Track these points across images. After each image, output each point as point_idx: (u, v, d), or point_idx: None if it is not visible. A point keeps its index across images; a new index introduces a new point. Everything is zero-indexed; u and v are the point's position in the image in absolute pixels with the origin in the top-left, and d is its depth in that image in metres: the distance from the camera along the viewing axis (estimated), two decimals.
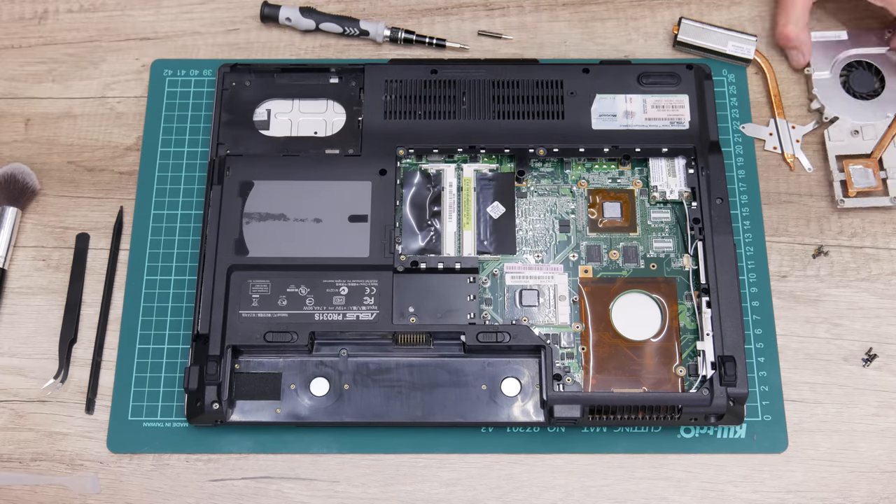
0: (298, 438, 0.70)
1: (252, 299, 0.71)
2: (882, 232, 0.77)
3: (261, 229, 0.72)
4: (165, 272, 0.75)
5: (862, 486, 0.70)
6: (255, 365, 0.70)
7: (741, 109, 0.80)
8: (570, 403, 0.68)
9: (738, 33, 0.80)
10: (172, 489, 0.70)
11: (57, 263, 0.76)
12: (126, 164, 0.79)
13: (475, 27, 0.84)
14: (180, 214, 0.77)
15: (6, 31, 0.84)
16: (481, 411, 0.69)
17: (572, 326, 0.71)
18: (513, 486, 0.70)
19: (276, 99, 0.78)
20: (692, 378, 0.69)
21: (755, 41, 0.80)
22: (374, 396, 0.69)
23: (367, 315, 0.70)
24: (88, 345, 0.73)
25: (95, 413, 0.72)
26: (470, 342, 0.69)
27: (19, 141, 0.80)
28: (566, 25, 0.84)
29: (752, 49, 0.80)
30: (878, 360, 0.73)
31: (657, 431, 0.71)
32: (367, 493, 0.69)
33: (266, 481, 0.70)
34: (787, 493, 0.69)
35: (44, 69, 0.82)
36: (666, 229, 0.74)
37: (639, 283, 0.72)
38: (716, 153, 0.74)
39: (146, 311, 0.74)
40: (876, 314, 0.74)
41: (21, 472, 0.70)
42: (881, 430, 0.71)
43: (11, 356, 0.73)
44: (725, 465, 0.70)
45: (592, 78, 0.77)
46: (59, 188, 0.78)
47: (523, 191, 0.75)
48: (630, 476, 0.70)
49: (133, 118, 0.80)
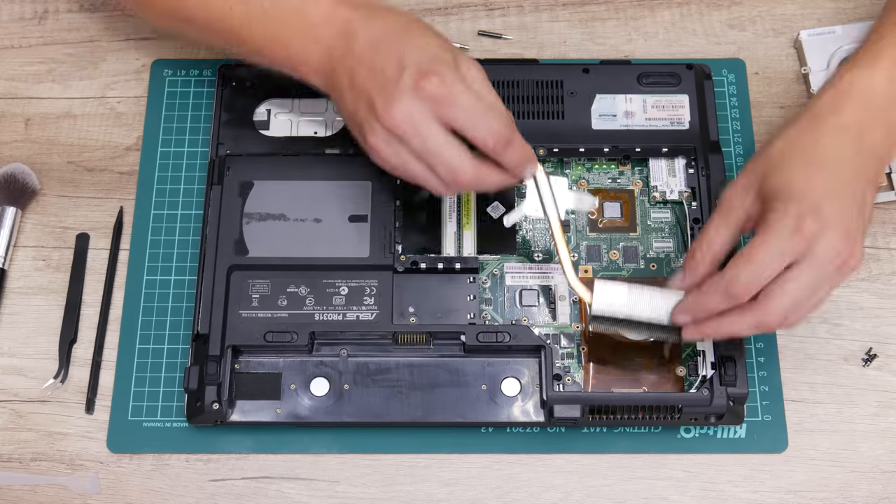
0: (298, 438, 0.70)
1: (252, 299, 0.71)
2: (882, 232, 0.77)
3: (261, 229, 0.72)
4: (165, 272, 0.75)
5: (862, 486, 0.70)
6: (255, 365, 0.70)
7: (741, 109, 0.80)
8: (570, 403, 0.68)
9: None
10: (172, 489, 0.70)
11: (57, 263, 0.76)
12: (126, 164, 0.79)
13: (475, 27, 0.84)
14: (180, 214, 0.77)
15: (6, 31, 0.84)
16: (481, 411, 0.69)
17: (572, 326, 0.71)
18: (513, 486, 0.70)
19: (276, 99, 0.78)
20: (692, 378, 0.69)
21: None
22: (374, 396, 0.69)
23: (367, 315, 0.70)
24: (88, 345, 0.73)
25: (95, 413, 0.72)
26: (470, 342, 0.69)
27: (19, 141, 0.80)
28: (566, 25, 0.84)
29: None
30: (878, 360, 0.73)
31: (657, 431, 0.71)
32: (367, 493, 0.69)
33: (266, 481, 0.70)
34: (787, 493, 0.69)
35: (44, 69, 0.82)
36: (666, 229, 0.74)
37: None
38: (716, 153, 0.74)
39: (146, 311, 0.74)
40: (876, 314, 0.74)
41: (21, 472, 0.70)
42: (881, 430, 0.71)
43: (11, 356, 0.73)
44: (725, 465, 0.70)
45: (592, 78, 0.77)
46: (59, 188, 0.78)
47: (523, 191, 0.75)
48: (630, 476, 0.70)
49: (133, 118, 0.80)
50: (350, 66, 0.63)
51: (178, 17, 0.69)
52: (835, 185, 0.61)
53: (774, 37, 0.83)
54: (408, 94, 0.60)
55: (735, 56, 0.82)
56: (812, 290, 0.61)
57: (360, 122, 0.63)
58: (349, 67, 0.63)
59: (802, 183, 0.61)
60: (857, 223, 0.61)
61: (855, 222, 0.61)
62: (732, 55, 0.82)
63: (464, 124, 0.61)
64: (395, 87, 0.60)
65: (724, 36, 0.83)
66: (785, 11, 0.84)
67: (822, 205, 0.60)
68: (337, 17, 0.64)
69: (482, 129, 0.61)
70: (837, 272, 0.61)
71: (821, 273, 0.60)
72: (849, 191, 0.61)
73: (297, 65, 0.66)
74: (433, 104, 0.60)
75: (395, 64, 0.61)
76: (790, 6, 0.84)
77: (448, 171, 0.62)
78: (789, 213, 0.60)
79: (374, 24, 0.63)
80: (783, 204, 0.60)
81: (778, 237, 0.60)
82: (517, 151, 0.63)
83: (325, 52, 0.64)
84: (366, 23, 0.63)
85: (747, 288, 0.60)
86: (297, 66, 0.67)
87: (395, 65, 0.61)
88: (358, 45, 0.63)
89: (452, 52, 0.63)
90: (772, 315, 0.61)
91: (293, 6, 0.65)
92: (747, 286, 0.60)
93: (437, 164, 0.61)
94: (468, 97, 0.61)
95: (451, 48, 0.63)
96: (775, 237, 0.60)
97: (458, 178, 0.62)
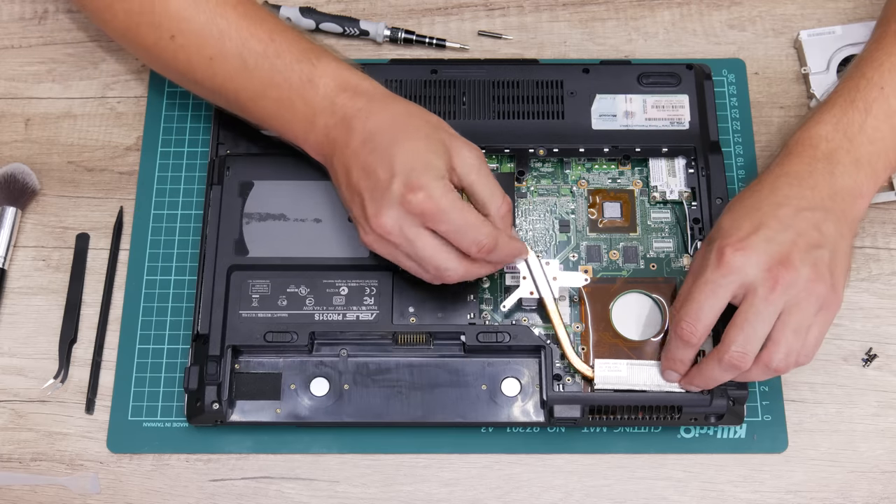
0: (298, 438, 0.70)
1: (252, 299, 0.71)
2: (882, 232, 0.77)
3: (261, 229, 0.72)
4: (165, 272, 0.75)
5: (862, 486, 0.70)
6: (255, 365, 0.70)
7: (741, 109, 0.80)
8: (570, 403, 0.68)
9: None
10: (172, 489, 0.70)
11: (57, 263, 0.76)
12: (126, 164, 0.79)
13: (475, 27, 0.84)
14: (180, 214, 0.77)
15: (6, 31, 0.84)
16: (481, 411, 0.69)
17: (572, 326, 0.71)
18: (513, 486, 0.70)
19: None
20: None
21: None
22: (374, 396, 0.69)
23: (367, 315, 0.70)
24: (88, 345, 0.73)
25: (95, 413, 0.72)
26: (470, 342, 0.69)
27: (19, 141, 0.80)
28: (566, 25, 0.84)
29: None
30: (878, 360, 0.73)
31: (657, 431, 0.71)
32: (367, 493, 0.69)
33: (266, 481, 0.70)
34: (787, 493, 0.69)
35: (44, 69, 0.82)
36: (666, 229, 0.74)
37: (639, 283, 0.72)
38: (716, 153, 0.74)
39: (146, 311, 0.74)
40: (876, 314, 0.74)
41: (21, 472, 0.70)
42: (881, 430, 0.71)
43: (11, 356, 0.73)
44: (725, 465, 0.70)
45: (592, 78, 0.77)
46: (59, 188, 0.78)
47: (523, 191, 0.75)
48: (630, 476, 0.70)
49: (133, 118, 0.80)
50: (346, 160, 0.65)
51: (188, 78, 0.70)
52: (765, 221, 0.63)
53: (774, 37, 0.83)
54: (395, 205, 0.62)
55: (735, 56, 0.82)
56: (778, 322, 0.62)
57: (355, 217, 0.65)
58: (345, 162, 0.65)
59: (727, 225, 0.64)
60: (804, 251, 0.62)
61: (797, 251, 0.62)
62: (732, 55, 0.82)
63: (450, 238, 0.63)
64: (384, 196, 0.62)
65: (724, 36, 0.83)
66: (785, 11, 0.84)
67: (747, 240, 0.62)
68: (336, 107, 0.65)
69: (466, 242, 0.63)
70: (788, 301, 0.62)
71: (769, 299, 0.62)
72: (787, 224, 0.63)
73: (299, 142, 0.69)
74: (420, 217, 0.62)
75: (387, 168, 0.62)
76: (790, 6, 0.84)
77: (437, 272, 0.64)
78: (712, 249, 0.64)
79: (371, 120, 0.64)
80: (709, 245, 0.65)
81: (708, 279, 0.63)
82: (503, 251, 0.64)
83: (324, 137, 0.66)
84: (363, 117, 0.65)
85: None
86: (298, 143, 0.69)
87: (387, 169, 0.62)
88: (354, 140, 0.64)
89: (445, 148, 0.64)
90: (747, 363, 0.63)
91: (296, 84, 0.66)
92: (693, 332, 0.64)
93: (427, 265, 0.64)
94: (453, 212, 0.62)
95: (443, 146, 0.64)
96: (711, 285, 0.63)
97: (448, 277, 0.64)
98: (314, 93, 0.66)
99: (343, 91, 0.66)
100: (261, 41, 0.67)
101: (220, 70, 0.68)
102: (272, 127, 0.69)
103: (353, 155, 0.64)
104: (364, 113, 0.65)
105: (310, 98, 0.66)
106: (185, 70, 0.69)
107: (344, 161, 0.65)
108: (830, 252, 0.63)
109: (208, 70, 0.68)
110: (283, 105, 0.67)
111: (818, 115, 0.68)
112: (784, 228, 0.62)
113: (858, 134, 0.66)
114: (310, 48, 0.67)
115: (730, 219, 0.65)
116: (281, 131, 0.69)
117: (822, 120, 0.67)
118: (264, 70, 0.67)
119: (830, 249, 0.63)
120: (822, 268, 0.62)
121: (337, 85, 0.66)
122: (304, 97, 0.66)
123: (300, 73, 0.66)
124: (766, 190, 0.65)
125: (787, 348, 0.62)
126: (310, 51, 0.67)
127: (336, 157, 0.65)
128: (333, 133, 0.65)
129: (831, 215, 0.64)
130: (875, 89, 0.67)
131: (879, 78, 0.68)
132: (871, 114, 0.67)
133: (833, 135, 0.66)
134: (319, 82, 0.66)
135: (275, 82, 0.67)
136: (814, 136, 0.67)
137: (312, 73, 0.66)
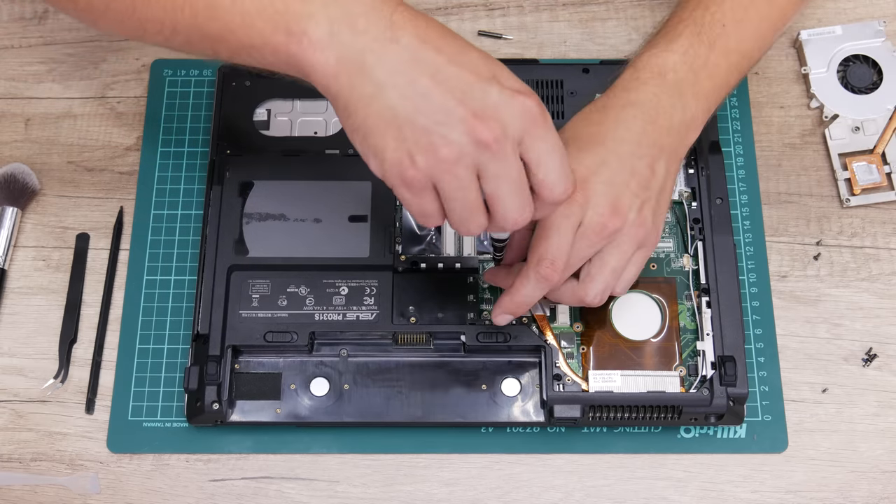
0: (298, 438, 0.70)
1: (252, 299, 0.71)
2: (882, 232, 0.77)
3: (261, 229, 0.72)
4: (165, 272, 0.75)
5: (862, 486, 0.70)
6: (255, 365, 0.70)
7: (741, 109, 0.80)
8: (570, 403, 0.68)
9: None
10: (172, 489, 0.70)
11: (57, 263, 0.76)
12: (126, 164, 0.79)
13: (475, 27, 0.84)
14: (180, 214, 0.77)
15: (6, 31, 0.84)
16: (481, 411, 0.69)
17: (572, 326, 0.71)
18: (513, 486, 0.70)
19: (276, 99, 0.78)
20: (692, 378, 0.69)
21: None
22: (374, 396, 0.69)
23: (367, 315, 0.70)
24: (88, 345, 0.73)
25: (95, 413, 0.72)
26: (470, 342, 0.69)
27: (19, 141, 0.80)
28: (566, 25, 0.84)
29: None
30: (878, 360, 0.73)
31: (657, 431, 0.71)
32: (367, 493, 0.69)
33: (266, 481, 0.70)
34: (787, 493, 0.69)
35: (44, 69, 0.82)
36: (666, 229, 0.74)
37: (639, 283, 0.72)
38: (716, 153, 0.74)
39: (146, 311, 0.74)
40: (876, 314, 0.74)
41: (21, 472, 0.70)
42: (881, 430, 0.71)
43: (11, 356, 0.73)
44: (725, 465, 0.70)
45: (592, 78, 0.77)
46: (59, 188, 0.78)
47: None
48: (630, 476, 0.70)
49: (133, 118, 0.80)
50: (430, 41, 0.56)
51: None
52: (607, 158, 0.63)
53: None
54: (507, 103, 0.55)
55: None
56: (597, 259, 0.63)
57: (437, 110, 0.55)
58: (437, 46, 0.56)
59: (574, 163, 0.61)
60: (633, 194, 0.62)
61: (628, 194, 0.62)
62: None
63: (537, 163, 0.57)
64: (486, 94, 0.55)
65: None
66: None
67: (589, 179, 0.62)
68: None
69: (554, 176, 0.57)
70: (611, 242, 0.62)
71: (592, 243, 0.62)
72: (626, 164, 0.63)
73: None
74: (531, 123, 0.56)
75: (487, 67, 0.56)
76: None
77: (505, 210, 0.57)
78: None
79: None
80: None
81: (556, 216, 0.61)
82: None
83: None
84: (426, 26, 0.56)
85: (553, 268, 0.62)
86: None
87: (487, 68, 0.56)
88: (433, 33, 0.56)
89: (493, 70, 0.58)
90: (559, 282, 0.63)
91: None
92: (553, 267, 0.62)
93: (504, 193, 0.57)
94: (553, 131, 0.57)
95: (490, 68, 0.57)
96: (555, 216, 0.61)
97: (502, 221, 0.58)
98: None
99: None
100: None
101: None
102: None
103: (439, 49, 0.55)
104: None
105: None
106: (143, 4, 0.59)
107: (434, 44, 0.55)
108: (657, 192, 0.64)
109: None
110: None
111: (666, 41, 0.67)
112: (622, 168, 0.63)
113: (702, 69, 0.67)
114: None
115: (575, 146, 0.63)
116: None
117: (670, 49, 0.67)
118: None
119: (658, 189, 0.64)
120: (646, 212, 0.63)
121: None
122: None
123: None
124: (611, 121, 0.64)
125: (605, 284, 0.64)
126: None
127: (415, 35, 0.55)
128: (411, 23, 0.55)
129: (665, 153, 0.65)
130: (718, 26, 0.68)
131: (722, 15, 0.68)
132: (715, 50, 0.67)
133: (680, 66, 0.66)
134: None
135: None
136: (663, 65, 0.66)
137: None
